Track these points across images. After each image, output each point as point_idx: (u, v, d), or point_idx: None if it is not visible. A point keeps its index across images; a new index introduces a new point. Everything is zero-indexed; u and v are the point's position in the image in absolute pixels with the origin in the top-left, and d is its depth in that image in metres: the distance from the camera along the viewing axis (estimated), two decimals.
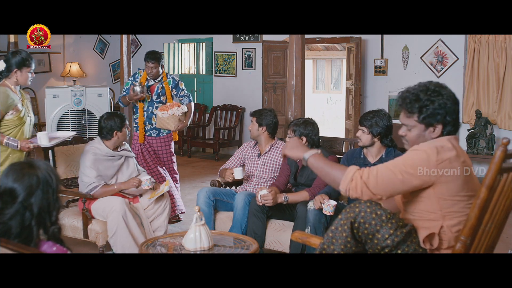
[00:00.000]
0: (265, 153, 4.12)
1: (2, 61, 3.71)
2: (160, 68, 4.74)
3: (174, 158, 4.97)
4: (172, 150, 4.95)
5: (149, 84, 4.78)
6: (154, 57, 4.69)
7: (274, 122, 4.12)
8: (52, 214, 1.83)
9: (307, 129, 3.76)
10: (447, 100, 2.18)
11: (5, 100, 3.60)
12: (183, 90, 4.90)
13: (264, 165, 4.11)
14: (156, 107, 4.77)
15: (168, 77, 4.86)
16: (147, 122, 4.81)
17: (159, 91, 4.79)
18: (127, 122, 4.06)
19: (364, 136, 3.51)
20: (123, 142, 4.10)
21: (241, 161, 4.26)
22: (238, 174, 4.01)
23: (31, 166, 1.84)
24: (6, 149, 3.67)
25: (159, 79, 4.80)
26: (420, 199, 2.18)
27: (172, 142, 4.93)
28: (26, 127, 3.75)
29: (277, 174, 4.04)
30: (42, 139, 3.69)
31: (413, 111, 2.19)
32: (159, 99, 4.80)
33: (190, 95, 4.98)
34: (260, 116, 4.11)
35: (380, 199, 2.16)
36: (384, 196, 2.14)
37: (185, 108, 4.74)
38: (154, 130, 4.83)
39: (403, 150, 2.56)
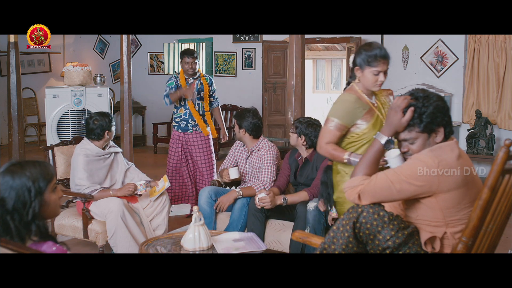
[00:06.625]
0: (250, 154, 4.08)
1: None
2: (197, 63, 5.03)
3: (213, 156, 5.13)
4: (212, 148, 5.13)
5: (189, 82, 5.02)
6: (192, 52, 5.01)
7: (253, 124, 4.02)
8: (28, 213, 1.83)
9: (308, 130, 3.78)
10: (438, 101, 2.18)
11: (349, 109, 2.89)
12: (215, 91, 5.21)
13: (251, 167, 4.08)
14: (198, 104, 5.03)
15: (205, 74, 5.18)
16: (190, 119, 5.01)
17: (198, 87, 5.02)
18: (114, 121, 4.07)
19: None
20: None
21: (235, 161, 4.22)
22: (233, 173, 3.99)
23: (22, 167, 1.84)
24: (342, 174, 3.00)
25: (196, 76, 5.06)
26: (423, 207, 2.17)
27: (211, 140, 5.13)
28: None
29: (262, 175, 3.96)
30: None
31: (412, 123, 2.18)
32: (199, 95, 5.04)
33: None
34: (239, 118, 4.05)
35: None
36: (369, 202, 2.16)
37: None
38: (197, 127, 5.02)
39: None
